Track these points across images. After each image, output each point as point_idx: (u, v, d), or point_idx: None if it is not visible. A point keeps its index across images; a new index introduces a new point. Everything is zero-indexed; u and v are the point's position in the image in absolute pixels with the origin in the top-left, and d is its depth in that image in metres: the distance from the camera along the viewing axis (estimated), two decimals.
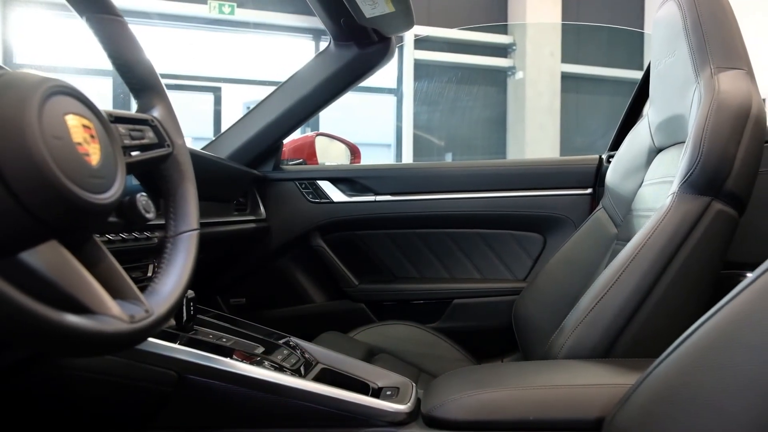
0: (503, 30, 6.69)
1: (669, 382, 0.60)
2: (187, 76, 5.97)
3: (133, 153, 0.56)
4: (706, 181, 0.84)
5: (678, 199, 0.87)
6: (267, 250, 1.56)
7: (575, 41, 6.78)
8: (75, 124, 0.45)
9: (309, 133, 1.87)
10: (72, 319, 0.38)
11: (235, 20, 6.06)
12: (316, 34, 6.23)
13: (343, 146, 1.98)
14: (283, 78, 1.44)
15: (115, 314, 0.43)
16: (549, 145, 6.52)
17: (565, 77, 6.67)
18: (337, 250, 1.58)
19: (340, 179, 1.58)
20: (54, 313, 0.37)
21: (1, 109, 0.39)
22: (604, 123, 6.64)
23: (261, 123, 1.45)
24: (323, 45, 1.42)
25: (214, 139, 1.49)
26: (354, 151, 1.99)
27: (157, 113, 0.61)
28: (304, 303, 1.61)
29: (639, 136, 1.22)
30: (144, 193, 0.55)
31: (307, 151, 1.80)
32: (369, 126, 6.49)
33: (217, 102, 6.12)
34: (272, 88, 1.46)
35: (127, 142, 0.55)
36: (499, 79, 6.81)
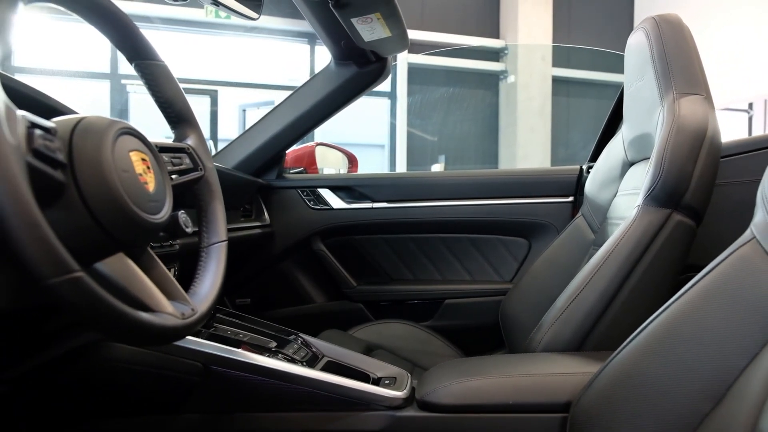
0: (495, 35, 6.78)
1: (624, 369, 0.71)
2: (184, 79, 6.03)
3: (173, 176, 0.67)
4: (666, 195, 0.94)
5: (642, 211, 0.97)
6: (271, 253, 1.63)
7: (566, 48, 6.88)
8: (136, 159, 0.55)
9: (309, 143, 1.96)
10: (144, 316, 0.49)
11: (231, 24, 6.14)
12: (312, 38, 6.30)
13: (341, 155, 2.07)
14: (279, 81, 1.53)
15: (171, 312, 0.54)
16: (540, 148, 6.60)
17: (556, 81, 6.77)
18: (337, 253, 1.65)
19: (339, 187, 1.65)
20: (132, 312, 0.47)
21: (84, 150, 0.50)
22: (594, 126, 6.72)
23: (265, 135, 1.53)
24: (318, 49, 1.51)
25: (220, 150, 1.58)
26: (351, 160, 2.08)
27: (191, 141, 0.72)
28: (306, 303, 1.68)
29: (614, 150, 1.31)
30: (183, 211, 0.65)
31: (307, 160, 1.89)
32: (364, 128, 6.57)
33: (214, 103, 6.19)
34: (267, 91, 1.55)
35: (170, 168, 0.65)
36: (491, 82, 6.90)
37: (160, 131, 0.80)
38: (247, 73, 6.32)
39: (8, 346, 0.64)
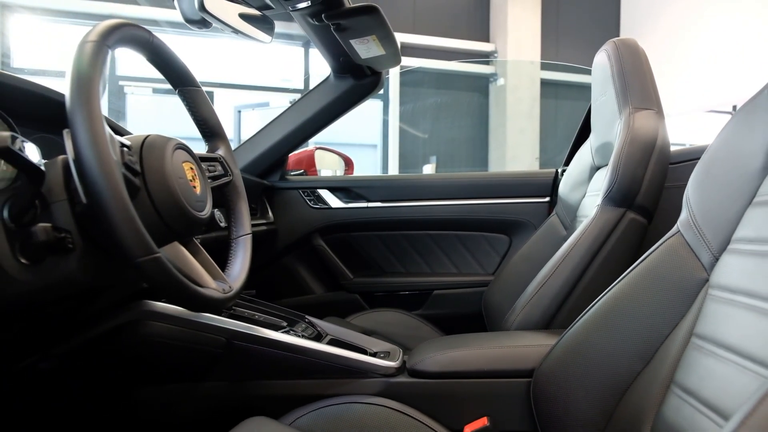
0: (485, 38, 6.92)
1: (576, 338, 0.86)
2: None
3: (209, 181, 0.81)
4: (621, 196, 1.09)
5: (601, 210, 1.12)
6: (274, 248, 1.76)
7: (554, 51, 7.04)
8: (187, 168, 0.70)
9: (309, 147, 2.10)
10: (199, 289, 0.64)
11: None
12: (306, 41, 6.43)
13: (338, 157, 2.21)
14: (274, 83, 1.64)
15: (215, 288, 0.69)
16: (529, 149, 6.74)
17: (544, 83, 6.92)
18: (335, 248, 1.79)
19: (337, 188, 1.78)
20: (192, 286, 0.62)
21: (151, 161, 0.65)
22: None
23: (270, 141, 1.66)
24: (312, 51, 1.62)
25: None
26: (348, 162, 2.23)
27: (221, 152, 0.87)
28: (306, 294, 1.81)
29: (584, 155, 1.46)
30: (217, 209, 0.80)
31: (307, 163, 2.02)
32: (357, 129, 6.69)
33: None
34: (263, 93, 1.66)
35: (207, 174, 0.80)
36: (481, 84, 7.03)
37: (159, 131, 0.92)
38: (242, 75, 6.44)
39: (63, 322, 0.78)
